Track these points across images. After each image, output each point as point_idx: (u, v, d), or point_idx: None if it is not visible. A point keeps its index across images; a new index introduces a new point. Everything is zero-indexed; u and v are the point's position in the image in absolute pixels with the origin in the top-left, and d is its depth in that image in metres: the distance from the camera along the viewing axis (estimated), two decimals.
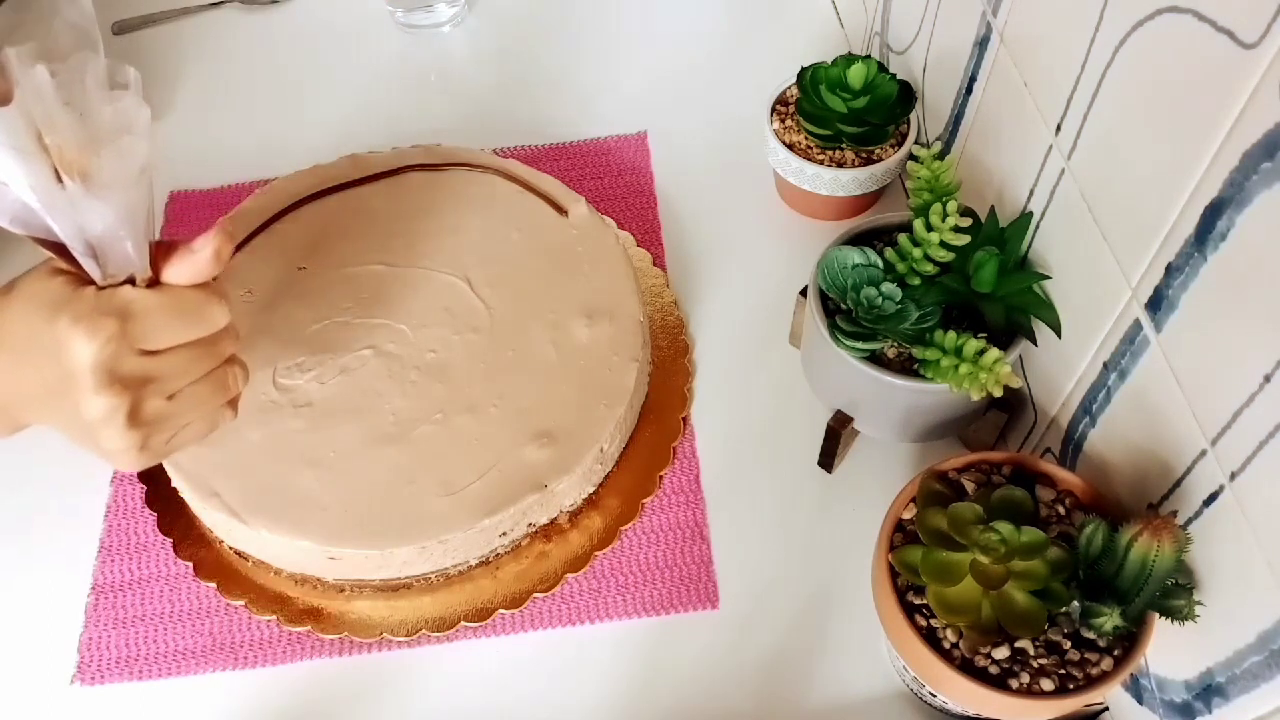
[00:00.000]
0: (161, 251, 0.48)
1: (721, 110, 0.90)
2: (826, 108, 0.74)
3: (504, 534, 0.64)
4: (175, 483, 0.65)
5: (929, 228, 0.60)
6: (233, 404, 0.54)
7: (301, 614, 0.65)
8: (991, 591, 0.51)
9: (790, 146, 0.77)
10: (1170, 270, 0.48)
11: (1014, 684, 0.51)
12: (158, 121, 0.90)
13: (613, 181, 0.86)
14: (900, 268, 0.62)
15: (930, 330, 0.60)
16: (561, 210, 0.75)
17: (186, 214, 0.85)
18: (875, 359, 0.62)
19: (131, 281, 0.48)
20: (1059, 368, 0.61)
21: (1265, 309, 0.42)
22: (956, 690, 0.52)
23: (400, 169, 0.77)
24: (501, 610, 0.65)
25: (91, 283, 0.47)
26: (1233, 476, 0.46)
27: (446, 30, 0.99)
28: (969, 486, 0.57)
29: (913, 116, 0.77)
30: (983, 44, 0.66)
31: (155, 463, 0.51)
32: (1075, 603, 0.52)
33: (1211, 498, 0.48)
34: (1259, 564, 0.44)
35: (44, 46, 0.44)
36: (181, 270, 0.48)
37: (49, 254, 0.48)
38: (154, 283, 0.48)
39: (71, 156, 0.44)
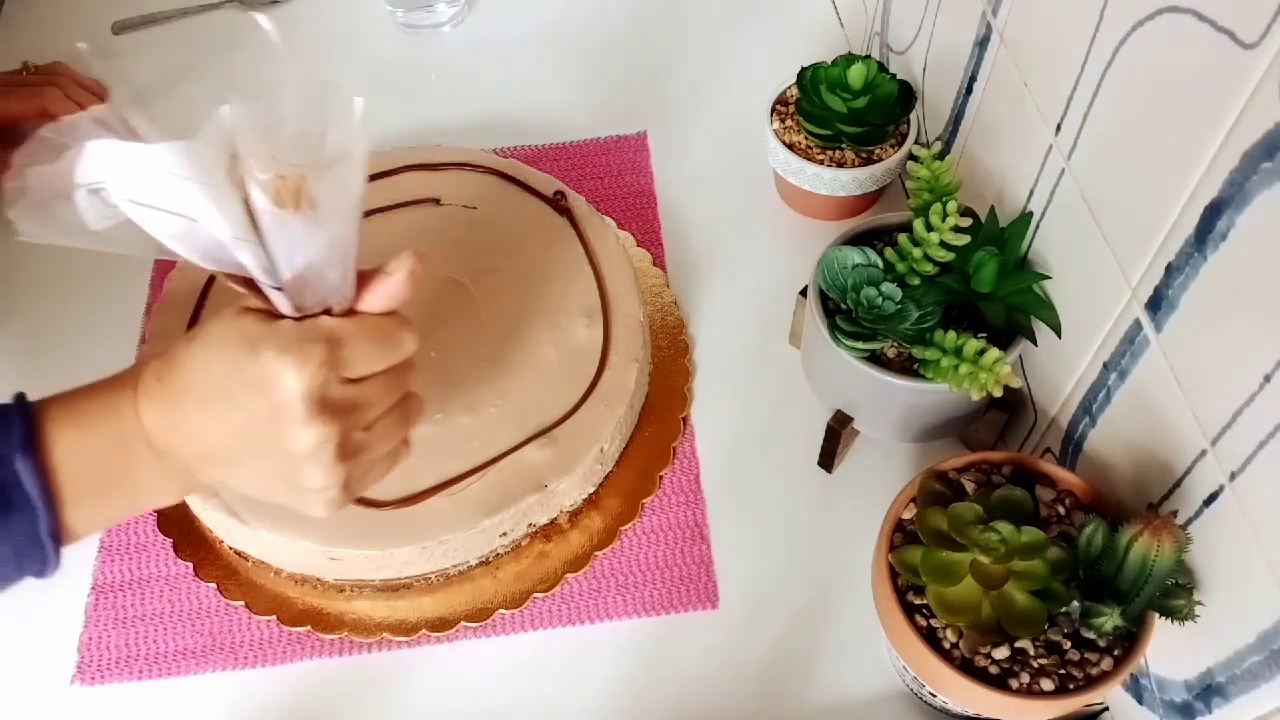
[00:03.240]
0: (358, 280, 0.48)
1: (721, 110, 0.90)
2: (826, 108, 0.74)
3: (504, 534, 0.64)
4: None
5: (929, 228, 0.60)
6: (408, 440, 0.52)
7: (301, 614, 0.65)
8: (991, 591, 0.51)
9: (790, 146, 0.77)
10: (1170, 270, 0.48)
11: (1014, 684, 0.51)
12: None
13: (613, 181, 0.86)
14: (900, 268, 0.62)
15: (930, 330, 0.60)
16: (561, 208, 0.75)
17: None
18: (875, 359, 0.62)
19: (328, 312, 0.47)
20: (1059, 368, 0.61)
21: (1265, 309, 0.42)
22: (956, 690, 0.52)
23: (400, 169, 0.77)
24: (501, 610, 0.65)
25: (281, 317, 0.46)
26: (1233, 476, 0.46)
27: (446, 30, 0.99)
28: (969, 486, 0.57)
29: (913, 116, 0.77)
30: (983, 44, 0.66)
31: (346, 505, 0.50)
32: (1075, 603, 0.52)
33: (1211, 498, 0.48)
34: (1259, 564, 0.44)
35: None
36: (378, 296, 0.47)
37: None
38: (348, 312, 0.47)
39: (291, 185, 0.43)
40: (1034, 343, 0.62)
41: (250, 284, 0.45)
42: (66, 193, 0.42)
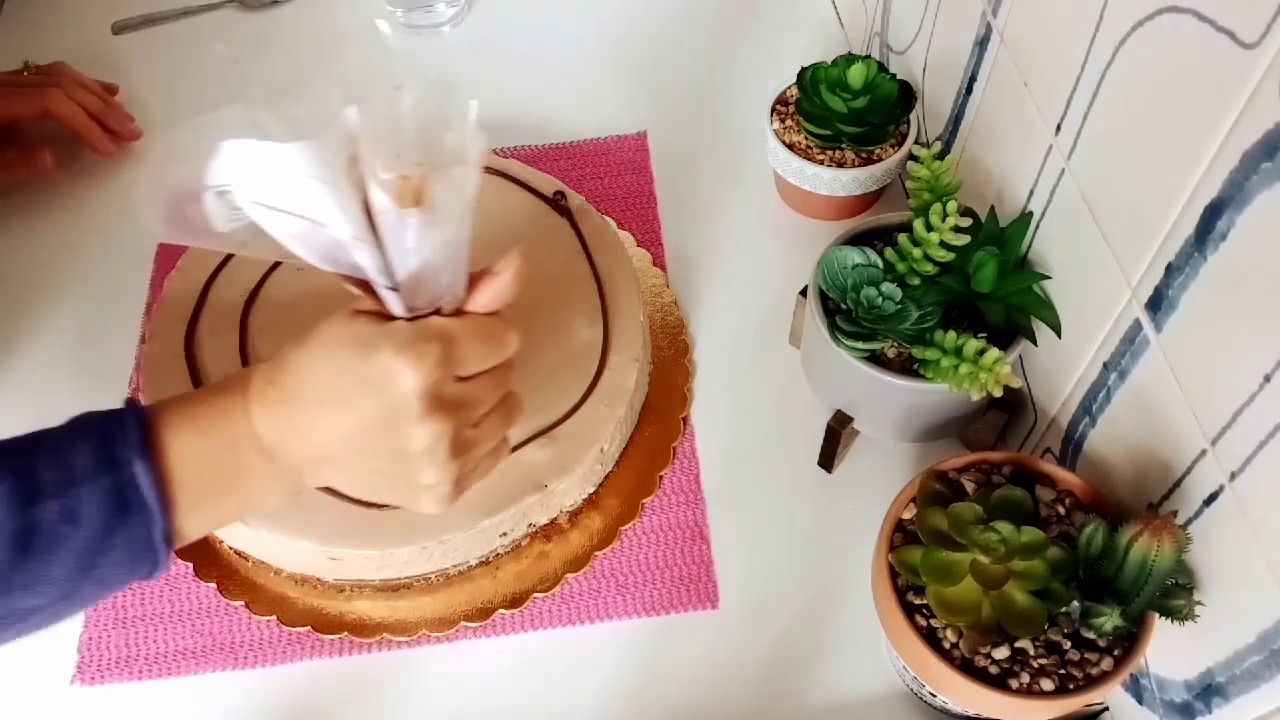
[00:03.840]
0: (469, 281, 0.49)
1: (721, 110, 0.90)
2: (826, 108, 0.74)
3: (504, 534, 0.64)
4: None
5: (929, 228, 0.60)
6: (508, 438, 0.54)
7: (301, 614, 0.65)
8: (991, 591, 0.51)
9: (790, 146, 0.77)
10: (1170, 270, 0.48)
11: (1014, 684, 0.51)
12: (157, 123, 0.90)
13: (613, 181, 0.86)
14: (900, 268, 0.62)
15: (930, 330, 0.60)
16: (561, 208, 0.75)
17: None
18: (875, 359, 0.62)
19: (437, 312, 0.48)
20: (1059, 368, 0.61)
21: (1265, 309, 0.42)
22: (956, 690, 0.52)
23: None
24: (501, 610, 0.65)
25: (392, 319, 0.47)
26: (1233, 476, 0.46)
27: (446, 30, 0.99)
28: (969, 486, 0.57)
29: (913, 116, 0.77)
30: (983, 44, 0.66)
31: (456, 501, 0.51)
32: (1075, 603, 0.52)
33: (1211, 498, 0.48)
34: (1259, 564, 0.44)
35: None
36: (486, 296, 0.49)
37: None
38: (456, 312, 0.49)
39: (414, 186, 0.44)
40: (1034, 343, 0.62)
41: (365, 285, 0.46)
42: (196, 194, 0.43)
